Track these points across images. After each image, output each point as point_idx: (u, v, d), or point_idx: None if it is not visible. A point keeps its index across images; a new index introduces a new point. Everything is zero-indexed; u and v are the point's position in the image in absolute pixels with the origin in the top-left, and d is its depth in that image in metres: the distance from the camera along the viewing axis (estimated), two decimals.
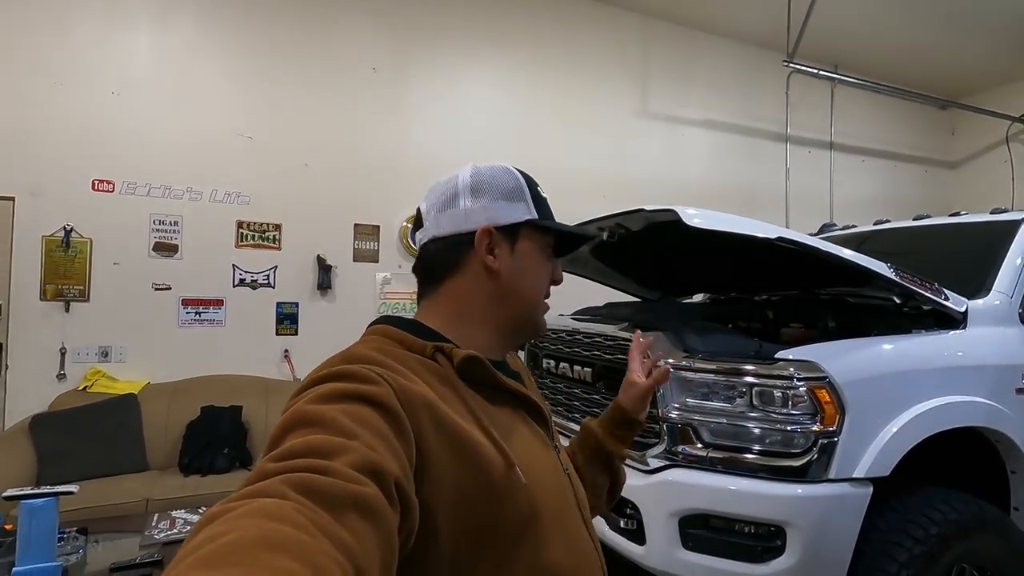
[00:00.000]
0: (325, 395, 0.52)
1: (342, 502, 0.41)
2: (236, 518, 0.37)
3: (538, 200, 0.75)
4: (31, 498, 1.55)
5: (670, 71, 4.84)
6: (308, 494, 0.41)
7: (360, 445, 0.47)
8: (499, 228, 0.71)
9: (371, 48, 3.84)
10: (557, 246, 0.78)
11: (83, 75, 3.15)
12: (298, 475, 0.42)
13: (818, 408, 1.51)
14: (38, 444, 2.68)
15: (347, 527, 0.40)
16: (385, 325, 0.69)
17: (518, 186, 0.73)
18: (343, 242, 3.73)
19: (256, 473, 0.44)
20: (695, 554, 1.57)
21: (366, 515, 0.42)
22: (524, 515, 0.61)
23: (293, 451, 0.46)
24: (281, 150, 3.57)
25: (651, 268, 2.69)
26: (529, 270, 0.74)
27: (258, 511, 0.38)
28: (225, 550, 0.33)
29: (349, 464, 0.44)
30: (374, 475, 0.45)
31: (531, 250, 0.74)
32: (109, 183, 3.20)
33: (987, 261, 2.09)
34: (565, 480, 0.71)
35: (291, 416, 0.50)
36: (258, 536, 0.35)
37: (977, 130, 5.92)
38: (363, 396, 0.53)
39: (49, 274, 3.05)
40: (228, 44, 3.49)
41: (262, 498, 0.40)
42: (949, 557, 1.56)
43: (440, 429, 0.57)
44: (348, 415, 0.50)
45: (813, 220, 4.41)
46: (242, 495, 0.41)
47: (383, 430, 0.51)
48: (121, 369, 3.16)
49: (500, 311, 0.72)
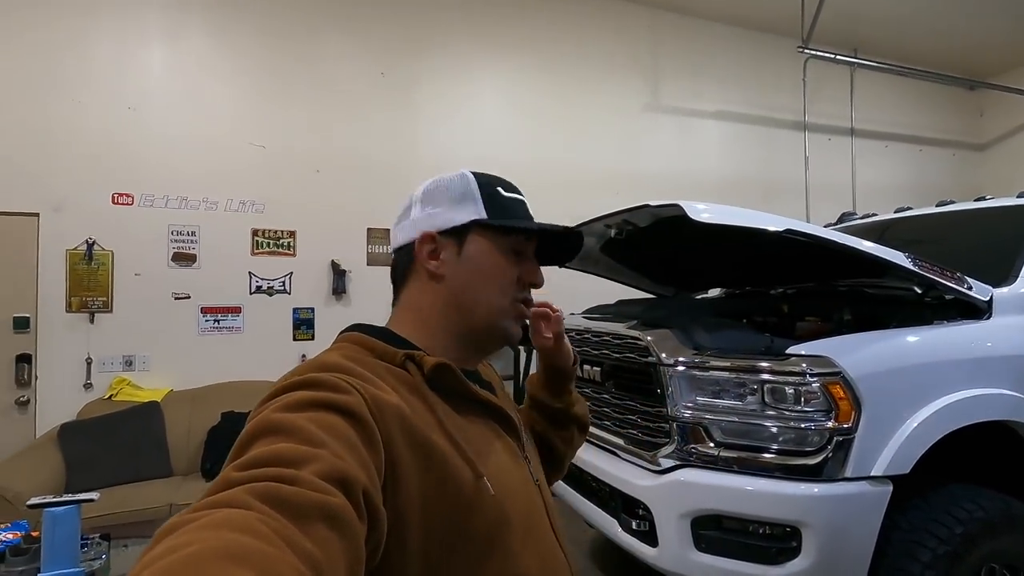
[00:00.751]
0: (293, 403, 0.51)
1: (308, 512, 0.40)
2: (197, 529, 0.36)
3: (494, 201, 0.71)
4: (53, 506, 1.59)
5: (681, 63, 4.77)
6: (273, 504, 0.40)
7: (327, 454, 0.46)
8: (444, 232, 0.70)
9: (379, 53, 3.86)
10: (550, 249, 0.76)
11: (100, 92, 3.24)
12: (263, 484, 0.41)
13: (832, 404, 1.47)
14: (66, 452, 2.76)
15: (312, 538, 0.39)
16: (357, 332, 0.68)
17: (466, 189, 0.72)
18: (357, 247, 3.77)
19: (220, 482, 0.43)
20: (708, 556, 1.54)
21: (332, 525, 0.41)
22: (493, 525, 0.60)
23: (259, 460, 0.44)
24: (293, 158, 3.62)
25: (664, 264, 2.65)
26: (482, 273, 0.70)
27: (220, 522, 0.37)
28: (185, 562, 0.32)
29: (316, 473, 0.43)
30: (341, 484, 0.44)
31: (483, 252, 0.70)
32: (128, 196, 3.28)
33: (1013, 247, 2.01)
34: (534, 490, 0.70)
35: (257, 424, 0.49)
36: (219, 547, 0.34)
37: (1007, 110, 5.70)
38: (332, 404, 0.52)
39: (74, 286, 3.15)
40: (239, 57, 3.55)
41: (225, 508, 0.39)
42: (976, 557, 1.50)
43: (410, 439, 0.56)
44: (316, 423, 0.49)
45: (835, 209, 4.29)
46: (205, 505, 0.40)
47: (352, 439, 0.50)
48: (144, 377, 3.24)
49: (456, 318, 0.70)
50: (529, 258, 0.73)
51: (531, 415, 0.91)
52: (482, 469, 0.60)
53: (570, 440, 0.92)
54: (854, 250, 1.63)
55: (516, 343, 0.74)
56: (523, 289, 0.73)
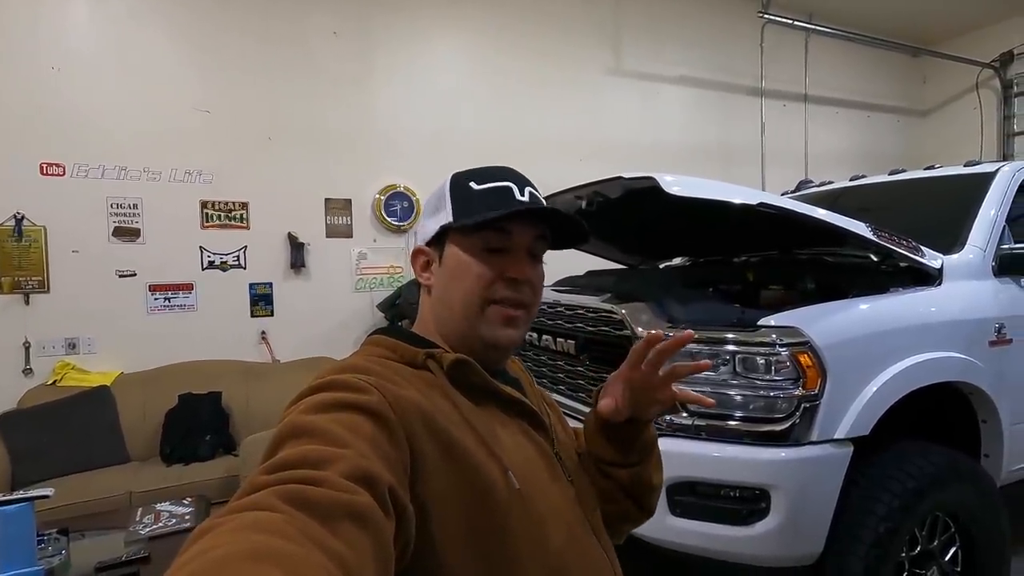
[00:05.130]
0: (317, 405, 0.53)
1: (334, 512, 0.41)
2: (225, 532, 0.37)
3: (462, 199, 0.68)
4: (3, 505, 1.50)
5: (642, 26, 4.70)
6: (299, 505, 0.40)
7: (352, 454, 0.47)
8: (429, 243, 0.70)
9: (331, 11, 3.63)
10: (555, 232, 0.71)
11: (18, 51, 2.92)
12: (289, 487, 0.42)
13: (800, 373, 1.53)
14: (9, 443, 2.60)
15: (340, 537, 0.40)
16: (381, 335, 0.70)
17: (440, 195, 0.70)
18: (314, 218, 3.61)
19: (248, 486, 0.44)
20: (683, 520, 1.60)
21: (359, 524, 0.42)
22: (523, 521, 0.60)
23: (285, 462, 0.46)
24: (242, 124, 3.40)
25: (631, 234, 2.66)
26: (452, 278, 0.68)
27: (248, 524, 0.38)
28: (213, 565, 0.33)
29: (341, 473, 0.44)
30: (367, 483, 0.45)
31: (453, 256, 0.68)
32: (59, 166, 3.02)
33: (961, 215, 2.11)
34: (567, 486, 0.70)
35: (284, 427, 0.51)
36: (247, 550, 0.35)
37: (948, 78, 5.93)
38: (355, 405, 0.53)
39: (3, 266, 2.90)
40: (176, 8, 3.25)
41: (253, 511, 0.40)
42: (925, 507, 1.62)
43: (433, 434, 0.57)
44: (340, 424, 0.50)
45: (788, 175, 4.41)
46: (233, 508, 0.41)
47: (376, 438, 0.51)
48: (91, 361, 3.06)
49: (447, 328, 0.69)
50: (513, 251, 0.68)
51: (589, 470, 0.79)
52: (506, 463, 0.61)
53: (624, 516, 0.80)
54: (821, 222, 1.67)
55: (504, 347, 0.69)
56: (506, 287, 0.67)
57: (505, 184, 0.68)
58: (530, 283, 0.69)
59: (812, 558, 1.56)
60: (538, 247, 0.70)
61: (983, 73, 5.56)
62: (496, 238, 0.67)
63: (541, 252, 0.71)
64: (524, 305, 0.69)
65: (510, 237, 0.67)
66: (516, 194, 0.67)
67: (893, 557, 1.56)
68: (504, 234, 0.67)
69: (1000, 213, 2.08)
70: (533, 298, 0.70)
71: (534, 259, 0.70)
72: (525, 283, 0.68)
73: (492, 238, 0.67)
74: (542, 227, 0.70)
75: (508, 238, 0.67)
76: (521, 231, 0.68)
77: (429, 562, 0.54)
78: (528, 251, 0.69)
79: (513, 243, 0.68)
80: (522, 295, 0.68)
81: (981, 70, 5.53)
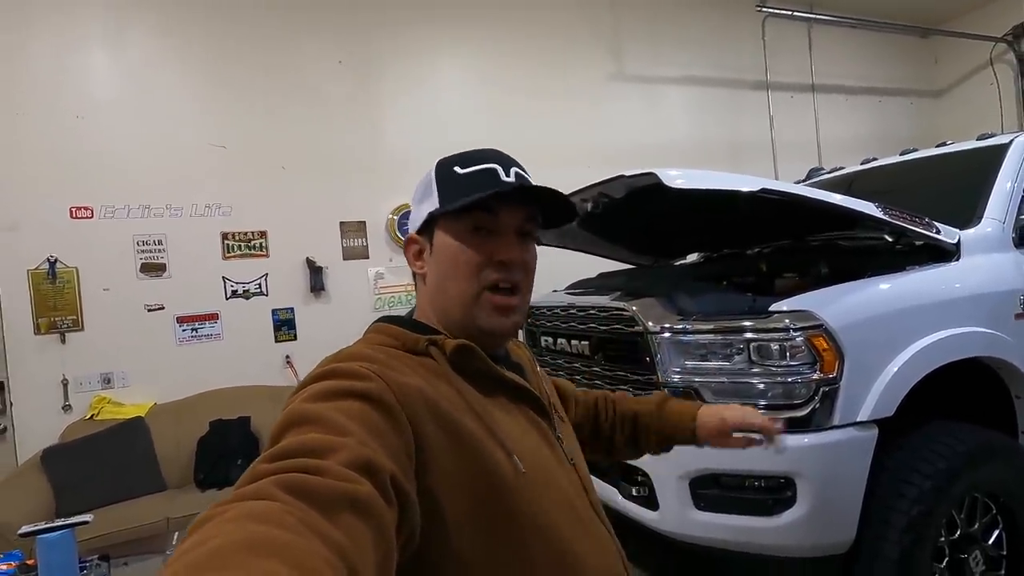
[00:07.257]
0: (319, 393, 0.53)
1: (334, 501, 0.41)
2: (224, 522, 0.37)
3: (448, 183, 0.67)
4: (46, 532, 1.55)
5: (641, 30, 4.73)
6: (299, 494, 0.40)
7: (353, 442, 0.47)
8: (420, 232, 0.71)
9: (334, 42, 3.75)
10: (546, 211, 0.71)
11: (44, 102, 3.09)
12: (289, 476, 0.42)
13: (816, 356, 1.50)
14: (52, 477, 2.69)
15: (340, 526, 0.40)
16: (383, 323, 0.70)
17: (427, 182, 0.70)
18: (331, 242, 3.70)
19: (249, 474, 0.44)
20: (708, 513, 1.58)
21: (359, 513, 0.42)
22: (531, 505, 0.61)
23: (286, 451, 0.45)
24: (256, 156, 3.52)
25: (641, 234, 2.66)
26: (446, 264, 0.67)
27: (246, 514, 0.37)
28: (211, 554, 0.33)
29: (341, 462, 0.44)
30: (368, 472, 0.45)
31: (443, 242, 0.67)
32: (87, 209, 3.16)
33: (977, 189, 2.06)
34: (570, 470, 0.71)
35: (286, 416, 0.51)
36: (243, 539, 0.34)
37: (960, 55, 5.81)
38: (357, 392, 0.53)
39: (40, 308, 3.04)
40: (188, 53, 3.41)
41: (252, 500, 0.39)
42: (960, 488, 1.57)
43: (436, 420, 0.57)
44: (342, 412, 0.50)
45: (801, 166, 4.34)
46: (234, 498, 0.41)
47: (378, 425, 0.51)
48: (126, 393, 3.16)
49: (444, 316, 0.70)
50: (502, 233, 0.67)
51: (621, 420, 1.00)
52: (511, 448, 0.61)
53: (636, 447, 1.02)
54: (826, 204, 1.66)
55: (501, 335, 0.69)
56: (496, 270, 0.67)
57: (489, 166, 0.68)
58: (522, 265, 0.68)
59: (844, 546, 1.51)
60: (528, 228, 0.69)
61: (997, 48, 5.43)
62: (483, 219, 0.66)
63: (532, 232, 0.70)
64: (517, 290, 0.68)
65: (497, 218, 0.67)
66: (501, 175, 0.67)
67: (930, 541, 1.51)
68: (491, 215, 0.66)
69: (1017, 184, 2.03)
70: (525, 279, 0.69)
71: (524, 241, 0.69)
72: (516, 265, 0.67)
73: (479, 219, 0.66)
74: (530, 207, 0.69)
75: (495, 219, 0.67)
76: (508, 212, 0.67)
77: (438, 546, 0.54)
78: (517, 232, 0.68)
79: (501, 224, 0.67)
80: (514, 277, 0.68)
81: (995, 45, 5.41)
